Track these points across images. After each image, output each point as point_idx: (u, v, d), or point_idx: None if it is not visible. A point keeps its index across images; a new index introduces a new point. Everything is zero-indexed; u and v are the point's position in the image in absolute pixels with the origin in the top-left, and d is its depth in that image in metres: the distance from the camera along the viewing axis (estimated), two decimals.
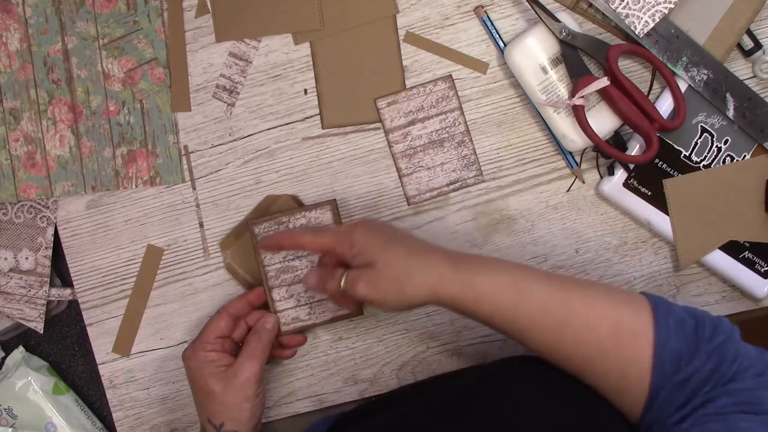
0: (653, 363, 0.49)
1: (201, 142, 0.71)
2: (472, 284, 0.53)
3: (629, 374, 0.50)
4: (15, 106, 0.70)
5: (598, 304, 0.52)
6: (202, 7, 0.71)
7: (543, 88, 0.66)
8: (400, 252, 0.56)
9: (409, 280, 0.54)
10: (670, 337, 0.50)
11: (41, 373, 0.72)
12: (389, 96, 0.70)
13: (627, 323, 0.51)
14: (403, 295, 0.54)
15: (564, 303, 0.52)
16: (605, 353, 0.51)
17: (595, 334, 0.51)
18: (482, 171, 0.70)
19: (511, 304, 0.52)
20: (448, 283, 0.53)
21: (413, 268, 0.54)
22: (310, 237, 0.60)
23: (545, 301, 0.52)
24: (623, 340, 0.51)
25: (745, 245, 0.67)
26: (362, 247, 0.56)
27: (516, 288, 0.53)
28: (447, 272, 0.54)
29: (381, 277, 0.55)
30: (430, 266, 0.54)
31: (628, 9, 0.65)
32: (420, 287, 0.54)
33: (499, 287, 0.53)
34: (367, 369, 0.71)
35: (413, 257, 0.55)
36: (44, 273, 0.71)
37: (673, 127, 0.65)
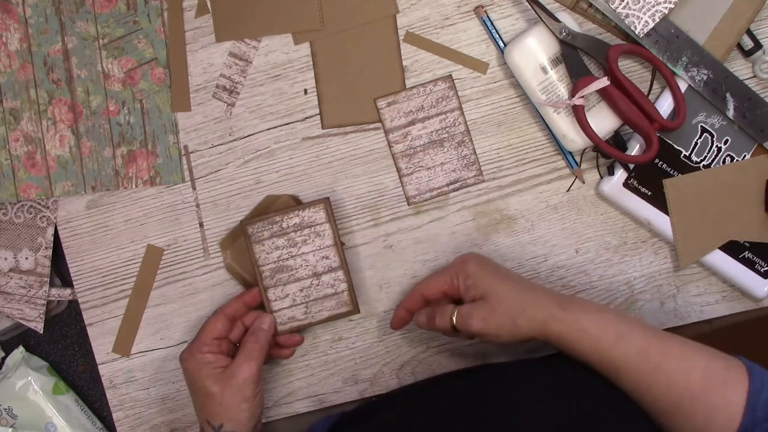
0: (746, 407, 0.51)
1: (201, 142, 0.71)
2: (577, 323, 0.56)
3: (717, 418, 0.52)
4: (15, 106, 0.70)
5: (693, 353, 0.55)
6: (202, 7, 0.71)
7: (543, 88, 0.66)
8: (513, 288, 0.59)
9: (522, 315, 0.57)
10: (765, 389, 0.52)
11: (41, 373, 0.72)
12: (389, 96, 0.70)
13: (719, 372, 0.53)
14: (516, 330, 0.58)
15: (660, 348, 0.55)
16: (694, 397, 0.53)
17: (686, 378, 0.53)
18: (482, 171, 0.70)
19: (610, 344, 0.55)
20: (557, 321, 0.57)
21: (526, 304, 0.58)
22: (425, 287, 0.63)
23: (643, 345, 0.55)
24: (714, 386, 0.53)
25: (745, 245, 0.67)
26: (476, 279, 0.60)
27: (616, 331, 0.56)
28: (555, 311, 0.57)
29: (495, 312, 0.58)
30: (540, 304, 0.58)
31: (628, 9, 0.65)
32: (532, 322, 0.57)
33: (600, 329, 0.56)
34: (367, 369, 0.71)
35: (525, 294, 0.59)
36: (44, 273, 0.71)
37: (673, 127, 0.65)
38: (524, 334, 0.58)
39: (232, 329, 0.65)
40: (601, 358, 0.56)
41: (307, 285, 0.66)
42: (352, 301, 0.66)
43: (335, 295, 0.66)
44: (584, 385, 0.56)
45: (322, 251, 0.65)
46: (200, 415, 0.62)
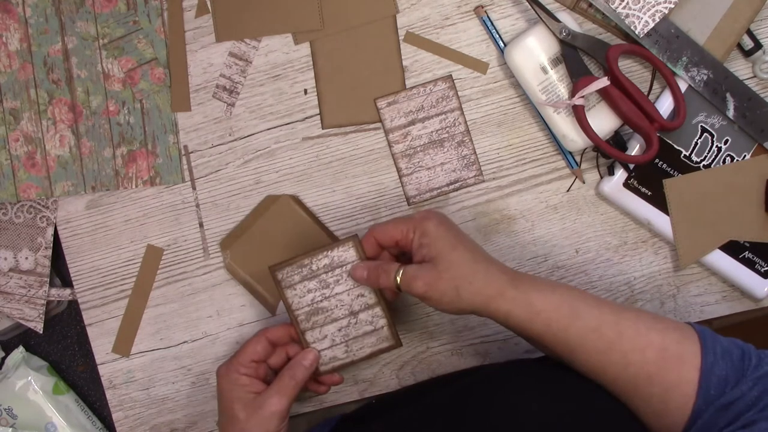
0: (698, 386, 0.50)
1: (201, 142, 0.71)
2: (528, 302, 0.54)
3: (672, 398, 0.51)
4: (15, 106, 0.70)
5: (646, 329, 0.53)
6: (202, 7, 0.71)
7: (543, 88, 0.66)
8: (466, 257, 0.56)
9: (468, 287, 0.55)
10: (717, 363, 0.51)
11: (41, 373, 0.72)
12: (389, 96, 0.70)
13: (673, 348, 0.52)
14: (458, 300, 0.55)
15: (613, 325, 0.53)
16: (650, 377, 0.52)
17: (641, 357, 0.52)
18: (482, 171, 0.70)
19: (564, 323, 0.54)
20: (505, 298, 0.54)
21: (474, 276, 0.55)
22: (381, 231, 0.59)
23: (595, 323, 0.53)
24: (669, 365, 0.52)
25: (745, 245, 0.67)
26: (432, 239, 0.56)
27: (569, 308, 0.54)
28: (505, 288, 0.55)
29: (441, 278, 0.55)
30: (491, 278, 0.55)
31: (628, 9, 0.65)
32: (477, 296, 0.55)
33: (552, 307, 0.54)
34: (367, 369, 0.71)
35: (477, 265, 0.56)
36: (44, 273, 0.71)
37: (673, 127, 0.65)
38: (465, 306, 0.55)
39: (272, 354, 0.63)
40: (555, 338, 0.54)
41: (344, 324, 0.63)
42: (393, 336, 0.63)
43: (375, 332, 0.63)
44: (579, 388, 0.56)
45: (357, 290, 0.62)
46: (220, 430, 0.61)
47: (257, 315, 0.71)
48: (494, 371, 0.62)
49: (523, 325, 0.54)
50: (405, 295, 0.58)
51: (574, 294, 0.56)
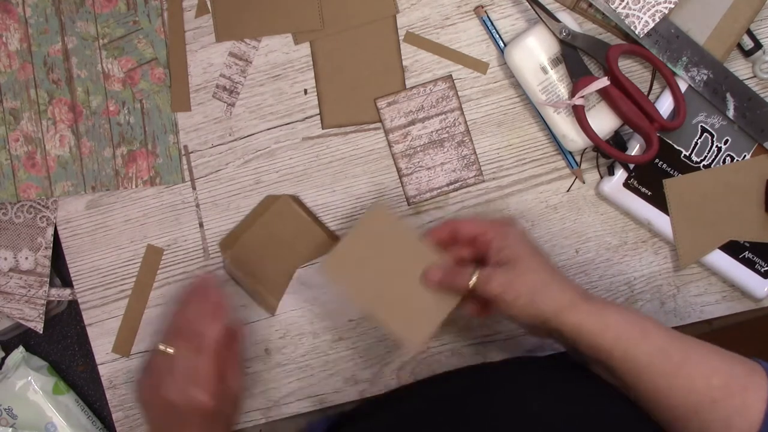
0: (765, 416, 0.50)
1: (201, 142, 0.71)
2: (600, 315, 0.54)
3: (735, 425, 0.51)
4: (15, 106, 0.70)
5: (714, 356, 0.53)
6: (202, 7, 0.71)
7: (543, 88, 0.66)
8: (543, 266, 0.56)
9: (544, 292, 0.55)
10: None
11: (41, 373, 0.72)
12: (389, 96, 0.70)
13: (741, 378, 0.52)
14: (532, 305, 0.55)
15: (682, 349, 0.53)
16: (714, 403, 0.51)
17: (707, 383, 0.52)
18: (482, 171, 0.70)
19: (635, 340, 0.53)
20: (578, 310, 0.54)
21: (551, 284, 0.55)
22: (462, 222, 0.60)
23: (665, 344, 0.53)
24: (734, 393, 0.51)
25: (745, 245, 0.67)
26: (514, 242, 0.57)
27: (641, 327, 0.54)
28: (579, 300, 0.55)
29: (518, 280, 0.55)
30: (566, 289, 0.55)
31: (628, 9, 0.65)
32: (551, 303, 0.55)
33: (625, 323, 0.54)
34: (367, 369, 0.71)
35: (554, 275, 0.56)
36: (44, 273, 0.71)
37: (673, 127, 0.65)
38: (538, 314, 0.55)
39: None
40: (625, 355, 0.53)
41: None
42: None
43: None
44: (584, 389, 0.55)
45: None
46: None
47: (257, 315, 0.71)
48: (494, 369, 0.62)
49: (594, 339, 0.54)
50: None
51: (644, 316, 0.56)
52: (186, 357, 0.58)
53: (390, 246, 0.61)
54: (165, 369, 0.58)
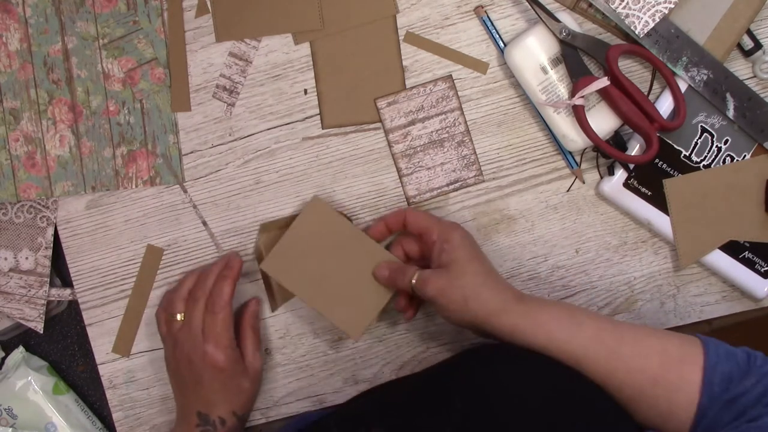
0: (702, 384, 0.51)
1: (201, 142, 0.71)
2: (531, 315, 0.56)
3: (677, 399, 0.52)
4: (15, 106, 0.70)
5: (645, 335, 0.55)
6: (202, 7, 0.70)
7: (543, 88, 0.66)
8: (480, 270, 0.59)
9: (476, 298, 0.57)
10: (720, 361, 0.52)
11: (41, 373, 0.72)
12: (389, 96, 0.70)
13: (675, 351, 0.54)
14: (465, 310, 0.57)
15: (614, 333, 0.55)
16: (655, 380, 0.53)
17: (643, 362, 0.53)
18: (482, 171, 0.70)
19: (566, 334, 0.55)
20: (511, 312, 0.57)
21: (484, 289, 0.58)
22: (413, 214, 0.63)
23: (597, 332, 0.55)
24: (672, 366, 0.53)
25: (745, 245, 0.67)
26: (454, 247, 0.59)
27: (570, 318, 0.56)
28: (511, 302, 0.57)
29: (452, 285, 0.58)
30: (498, 293, 0.58)
31: (628, 9, 0.65)
32: (483, 308, 0.57)
33: (555, 319, 0.56)
34: (367, 369, 0.71)
35: (488, 280, 0.58)
36: (44, 273, 0.71)
37: (673, 127, 0.65)
38: (471, 317, 0.57)
39: None
40: (560, 350, 0.55)
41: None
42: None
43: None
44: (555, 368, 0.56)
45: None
46: (219, 409, 0.63)
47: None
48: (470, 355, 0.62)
49: (528, 338, 0.56)
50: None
51: (575, 308, 0.58)
52: (198, 318, 0.63)
53: (330, 239, 0.65)
54: (181, 332, 0.64)
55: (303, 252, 0.64)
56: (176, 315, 0.65)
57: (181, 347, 0.63)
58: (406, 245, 0.65)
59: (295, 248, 0.64)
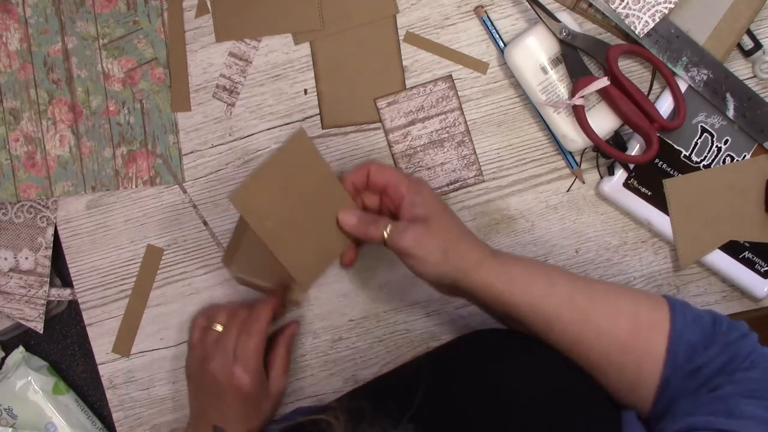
0: (667, 353, 0.50)
1: (201, 142, 0.71)
2: (507, 271, 0.55)
3: (644, 367, 0.51)
4: (15, 106, 0.70)
5: (618, 299, 0.54)
6: (202, 7, 0.71)
7: (543, 88, 0.66)
8: (455, 224, 0.57)
9: (455, 248, 0.55)
10: (686, 329, 0.51)
11: (41, 373, 0.72)
12: (389, 96, 0.70)
13: (645, 317, 0.52)
14: (444, 262, 0.55)
15: (587, 294, 0.54)
16: (623, 347, 0.52)
17: (615, 326, 0.52)
18: (482, 171, 0.70)
19: (540, 293, 0.54)
20: (487, 266, 0.55)
21: (462, 240, 0.56)
22: (378, 169, 0.60)
23: (570, 292, 0.54)
24: (641, 334, 0.52)
25: (745, 245, 0.67)
26: (426, 198, 0.57)
27: (546, 278, 0.54)
28: (488, 257, 0.55)
29: (431, 235, 0.55)
30: (476, 246, 0.56)
31: (628, 9, 0.65)
32: (461, 261, 0.55)
33: (530, 277, 0.55)
34: (367, 369, 0.71)
35: (464, 233, 0.57)
36: (44, 273, 0.71)
37: (673, 127, 0.65)
38: (448, 270, 0.55)
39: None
40: (532, 307, 0.54)
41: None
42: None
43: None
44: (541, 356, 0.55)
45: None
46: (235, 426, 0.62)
47: None
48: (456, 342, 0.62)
49: (501, 294, 0.54)
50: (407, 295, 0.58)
51: (550, 267, 0.57)
52: (234, 336, 0.62)
53: (303, 179, 0.60)
54: (213, 345, 0.63)
55: (275, 189, 0.59)
56: (216, 325, 0.64)
57: (210, 361, 0.62)
58: (366, 198, 0.62)
59: (268, 184, 0.59)
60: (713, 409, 0.46)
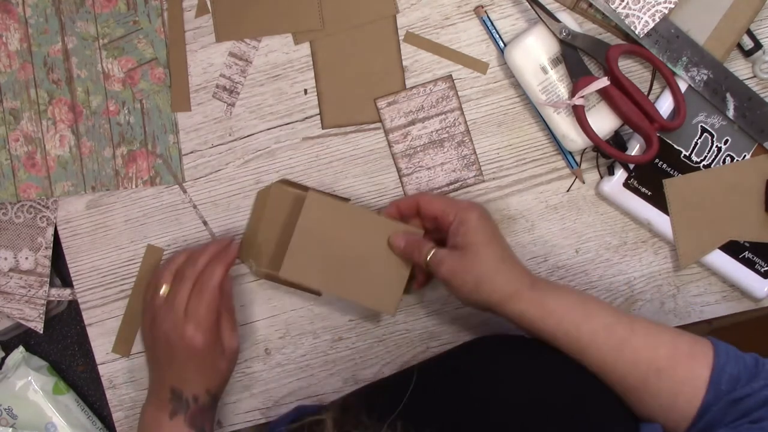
0: (709, 381, 0.51)
1: (201, 142, 0.71)
2: (542, 303, 0.56)
3: (682, 392, 0.52)
4: (15, 106, 0.70)
5: (657, 331, 0.55)
6: (202, 7, 0.70)
7: (543, 88, 0.66)
8: (495, 255, 0.58)
9: (489, 283, 0.57)
10: (730, 363, 0.52)
11: (41, 373, 0.72)
12: (389, 96, 0.70)
13: (685, 347, 0.53)
14: (476, 293, 0.57)
15: (627, 325, 0.55)
16: (659, 372, 0.53)
17: (653, 354, 0.53)
18: (482, 171, 0.70)
19: (576, 322, 0.55)
20: (521, 299, 0.56)
21: (497, 275, 0.57)
22: (427, 200, 0.62)
23: (609, 322, 0.55)
24: (681, 362, 0.53)
25: (745, 245, 0.67)
26: (469, 229, 0.59)
27: (583, 309, 0.56)
28: (524, 289, 0.57)
29: (465, 268, 0.58)
30: (512, 279, 0.58)
31: (628, 9, 0.65)
32: (494, 294, 0.57)
33: (566, 306, 0.56)
34: (367, 369, 0.71)
35: (502, 264, 0.58)
36: (44, 273, 0.71)
37: (673, 127, 0.65)
38: (482, 301, 0.58)
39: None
40: (568, 336, 0.55)
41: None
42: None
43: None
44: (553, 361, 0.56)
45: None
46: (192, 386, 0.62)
47: (257, 315, 0.71)
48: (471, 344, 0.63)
49: (536, 324, 0.56)
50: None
51: (590, 298, 0.58)
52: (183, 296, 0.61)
53: (337, 227, 0.63)
54: (163, 307, 0.62)
55: (315, 247, 0.63)
56: (160, 288, 0.63)
57: (160, 324, 0.62)
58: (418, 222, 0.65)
59: (306, 246, 0.63)
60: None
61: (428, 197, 0.63)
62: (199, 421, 0.62)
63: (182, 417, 0.61)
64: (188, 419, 0.61)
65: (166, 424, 0.61)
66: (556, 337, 0.56)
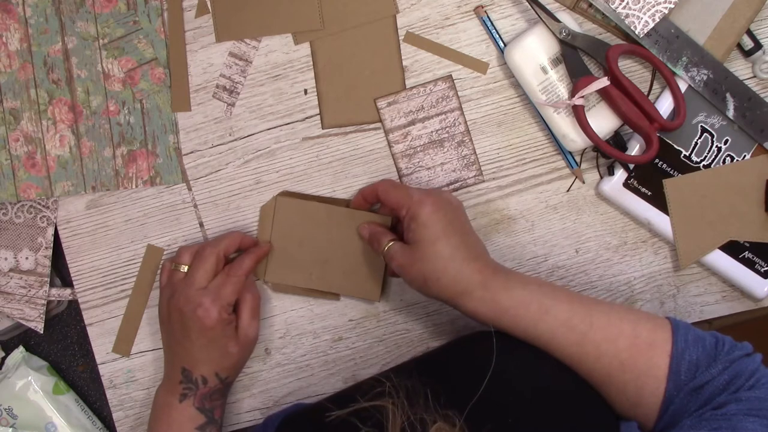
0: (669, 371, 0.51)
1: (201, 142, 0.71)
2: (495, 302, 0.56)
3: (645, 384, 0.52)
4: (15, 106, 0.70)
5: (618, 320, 0.54)
6: (202, 7, 0.71)
7: (543, 88, 0.66)
8: (444, 253, 0.57)
9: (435, 282, 0.57)
10: (688, 349, 0.51)
11: (41, 373, 0.72)
12: (389, 96, 0.70)
13: (645, 336, 0.53)
14: (426, 289, 0.58)
15: (585, 317, 0.54)
16: (623, 365, 0.52)
17: (613, 347, 0.53)
18: (482, 171, 0.70)
19: (532, 320, 0.55)
20: (472, 298, 0.56)
21: (444, 274, 0.57)
22: (386, 193, 0.63)
23: (566, 316, 0.54)
24: (641, 352, 0.52)
25: (745, 245, 0.67)
26: (419, 225, 0.58)
27: (538, 305, 0.55)
28: (473, 288, 0.56)
29: (414, 264, 0.58)
30: (460, 278, 0.56)
31: (628, 9, 0.65)
32: (442, 292, 0.57)
33: (520, 304, 0.55)
34: (367, 369, 0.71)
35: (450, 263, 0.57)
36: (44, 273, 0.71)
37: (673, 127, 0.65)
38: (434, 296, 0.58)
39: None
40: (525, 333, 0.55)
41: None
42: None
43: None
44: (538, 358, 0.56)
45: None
46: (202, 367, 0.63)
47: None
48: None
49: (493, 322, 0.56)
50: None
51: (546, 290, 0.56)
52: (202, 274, 0.63)
53: (312, 226, 0.68)
54: (180, 282, 0.64)
55: (295, 248, 0.68)
56: (181, 266, 0.65)
57: (177, 298, 0.63)
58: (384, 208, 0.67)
59: (285, 248, 0.68)
60: (717, 426, 0.46)
61: (385, 186, 0.63)
62: (208, 404, 0.63)
63: (191, 399, 0.62)
64: (197, 401, 0.62)
65: (176, 407, 0.63)
66: (516, 334, 0.55)
